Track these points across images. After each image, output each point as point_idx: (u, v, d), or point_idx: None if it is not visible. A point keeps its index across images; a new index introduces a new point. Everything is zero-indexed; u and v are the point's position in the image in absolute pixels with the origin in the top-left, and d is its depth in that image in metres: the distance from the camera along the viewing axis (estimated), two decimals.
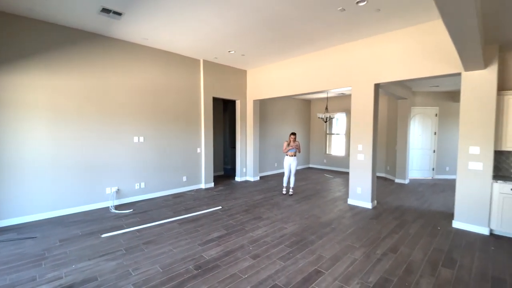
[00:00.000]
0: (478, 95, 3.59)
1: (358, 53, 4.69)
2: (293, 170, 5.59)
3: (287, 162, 5.55)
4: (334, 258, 2.87)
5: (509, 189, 3.40)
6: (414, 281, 2.46)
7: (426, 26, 3.86)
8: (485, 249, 3.12)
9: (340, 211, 4.57)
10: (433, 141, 7.51)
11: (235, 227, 3.77)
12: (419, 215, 4.36)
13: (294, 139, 5.48)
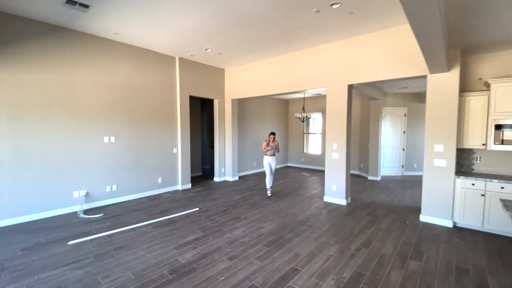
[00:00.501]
0: (442, 96, 3.83)
1: (333, 55, 4.82)
2: (273, 170, 5.54)
3: (267, 162, 5.45)
4: (310, 255, 2.92)
5: (470, 184, 3.68)
6: (385, 274, 2.57)
7: (396, 30, 4.05)
8: (449, 241, 3.34)
9: (317, 208, 4.67)
10: (402, 139, 7.94)
11: (213, 228, 3.71)
12: (390, 210, 4.57)
13: (273, 138, 5.41)
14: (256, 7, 3.43)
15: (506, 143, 3.55)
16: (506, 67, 3.84)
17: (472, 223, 3.68)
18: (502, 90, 3.53)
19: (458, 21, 3.00)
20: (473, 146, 3.83)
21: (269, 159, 5.43)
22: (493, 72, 3.93)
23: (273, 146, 5.40)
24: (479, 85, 4.03)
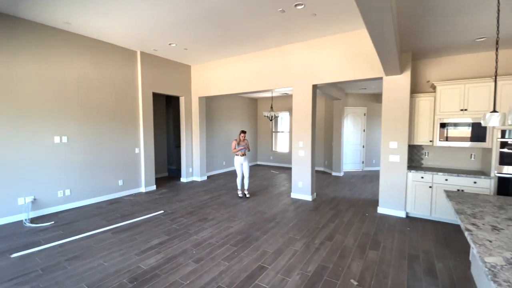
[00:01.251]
0: (396, 97, 4.15)
1: (299, 55, 4.94)
2: (246, 171, 5.24)
3: (238, 162, 5.19)
4: (277, 252, 2.96)
5: (419, 177, 4.04)
6: (347, 265, 2.70)
7: (356, 33, 4.27)
8: (402, 230, 3.64)
9: (284, 205, 4.77)
10: (363, 137, 8.47)
11: (178, 231, 3.58)
12: (351, 204, 4.85)
13: (244, 137, 5.17)
14: (221, 2, 3.36)
15: (449, 140, 3.97)
16: (449, 71, 4.28)
17: (422, 212, 4.06)
18: (446, 92, 3.93)
19: (409, 28, 3.26)
20: (422, 143, 4.22)
21: (241, 159, 5.19)
22: (439, 75, 4.36)
23: (243, 145, 5.18)
24: (427, 87, 4.45)
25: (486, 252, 1.39)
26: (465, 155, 4.19)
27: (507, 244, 1.47)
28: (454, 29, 3.25)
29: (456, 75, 4.22)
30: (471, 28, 3.20)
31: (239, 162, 5.20)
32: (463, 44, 3.76)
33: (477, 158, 4.11)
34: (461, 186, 3.74)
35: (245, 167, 5.24)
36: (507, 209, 2.11)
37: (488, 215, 1.98)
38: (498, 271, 1.20)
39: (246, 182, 5.33)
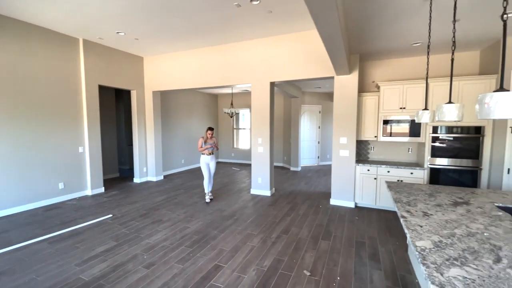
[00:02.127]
0: (345, 95, 4.42)
1: (257, 52, 4.94)
2: (212, 172, 4.79)
3: (205, 162, 4.69)
4: (234, 250, 2.94)
5: (366, 170, 4.38)
6: (301, 256, 2.81)
7: (311, 33, 4.41)
8: (351, 220, 3.91)
9: (244, 201, 4.77)
10: (318, 134, 8.92)
11: (128, 236, 3.32)
12: (307, 197, 5.07)
13: (211, 134, 4.71)
14: None
15: (391, 135, 4.37)
16: (391, 72, 4.71)
17: (369, 202, 4.42)
18: (388, 92, 4.31)
19: (356, 32, 3.48)
20: (368, 138, 4.58)
21: (207, 159, 4.70)
22: (382, 76, 4.77)
23: (211, 144, 4.70)
24: (372, 87, 4.83)
25: (417, 236, 1.55)
26: (404, 149, 4.67)
27: (435, 229, 1.66)
28: (394, 34, 3.56)
29: (397, 76, 4.66)
30: (408, 34, 3.54)
31: (205, 161, 4.71)
32: (402, 48, 4.15)
33: (414, 152, 4.62)
34: (401, 177, 4.16)
35: (212, 167, 4.77)
36: (436, 197, 2.39)
37: (420, 203, 2.21)
38: (427, 254, 1.33)
39: (211, 184, 4.89)
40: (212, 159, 4.75)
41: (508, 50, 3.31)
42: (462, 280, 1.07)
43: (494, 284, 1.05)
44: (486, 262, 1.22)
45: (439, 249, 1.35)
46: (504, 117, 1.11)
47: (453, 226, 1.67)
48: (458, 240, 1.46)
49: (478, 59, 4.18)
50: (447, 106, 1.88)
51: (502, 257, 1.26)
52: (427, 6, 2.68)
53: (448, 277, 1.09)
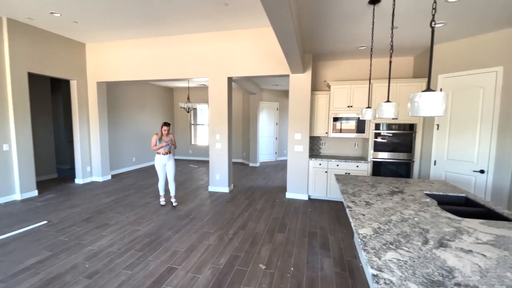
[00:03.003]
0: (300, 93, 4.59)
1: (214, 46, 4.81)
2: (172, 173, 4.24)
3: (161, 163, 4.17)
4: (189, 250, 2.84)
5: (318, 164, 4.64)
6: (257, 251, 2.84)
7: (267, 30, 4.46)
8: (305, 212, 4.11)
9: (201, 199, 4.65)
10: (276, 130, 9.16)
11: (67, 243, 2.96)
12: (265, 192, 5.17)
13: (167, 131, 4.17)
14: None
15: (341, 132, 4.69)
16: (341, 73, 5.03)
17: (320, 194, 4.70)
18: (337, 91, 4.60)
19: (309, 32, 3.61)
20: (320, 134, 4.85)
21: (163, 159, 4.17)
22: (333, 76, 5.07)
23: (167, 141, 4.21)
24: (324, 86, 5.11)
25: (360, 224, 1.68)
26: (351, 144, 5.06)
27: (375, 216, 1.81)
28: (342, 37, 3.79)
29: (346, 76, 5.00)
30: (354, 37, 3.80)
31: (161, 162, 4.17)
32: (350, 51, 4.45)
33: (359, 146, 5.04)
34: (348, 170, 4.51)
35: (169, 168, 4.23)
36: (377, 187, 2.63)
37: (364, 193, 2.41)
38: (368, 240, 1.45)
39: (172, 187, 4.30)
40: (169, 159, 4.23)
41: (435, 56, 3.80)
42: (396, 262, 1.19)
43: (423, 264, 1.18)
44: (416, 244, 1.38)
45: (378, 235, 1.49)
46: (430, 114, 1.25)
47: (390, 213, 1.85)
48: (393, 226, 1.62)
49: (412, 64, 4.71)
50: (385, 104, 2.07)
51: (429, 239, 1.43)
52: (371, 12, 2.91)
53: (385, 261, 1.20)
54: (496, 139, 3.29)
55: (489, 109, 3.35)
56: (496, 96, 3.27)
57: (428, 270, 1.12)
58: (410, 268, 1.14)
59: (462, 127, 3.63)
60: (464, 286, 1.02)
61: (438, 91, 1.23)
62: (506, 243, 1.38)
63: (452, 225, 1.63)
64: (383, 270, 1.13)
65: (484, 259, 1.22)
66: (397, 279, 1.06)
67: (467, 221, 1.69)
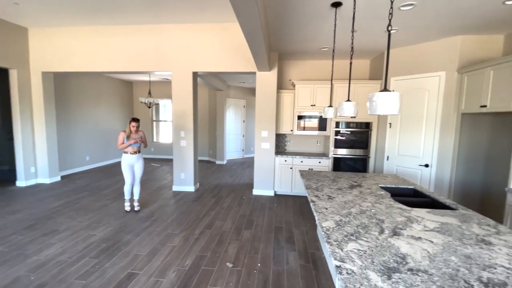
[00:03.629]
0: (266, 91, 4.63)
1: (178, 38, 4.59)
2: (139, 175, 3.88)
3: (128, 163, 3.75)
4: (152, 253, 2.70)
5: (283, 160, 4.75)
6: (224, 249, 2.81)
7: (236, 26, 4.37)
8: (271, 207, 4.18)
9: (164, 199, 4.44)
10: (243, 127, 9.16)
11: (6, 255, 2.60)
12: (232, 190, 5.14)
13: (137, 128, 3.78)
14: None
15: (305, 129, 4.85)
16: (304, 72, 5.20)
17: (286, 190, 4.82)
18: (302, 90, 4.74)
19: (275, 31, 3.65)
20: (285, 132, 4.96)
21: (131, 159, 3.75)
22: (298, 75, 5.22)
23: (136, 139, 3.77)
24: (289, 85, 5.23)
25: (323, 218, 1.75)
26: (314, 141, 5.28)
27: (337, 209, 1.91)
28: (306, 37, 3.90)
29: (309, 76, 5.18)
30: (318, 38, 3.94)
31: (128, 162, 3.75)
32: (313, 51, 4.61)
33: (321, 143, 5.27)
34: (311, 165, 4.69)
35: (137, 169, 3.83)
36: (337, 182, 2.78)
37: (326, 188, 2.53)
38: (331, 232, 1.51)
39: (137, 190, 3.93)
40: (138, 159, 3.82)
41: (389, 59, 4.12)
42: (357, 252, 1.26)
43: (380, 252, 1.27)
44: (373, 234, 1.48)
45: (340, 227, 1.56)
46: (386, 112, 1.34)
47: (350, 206, 1.96)
48: (353, 218, 1.72)
49: (368, 66, 5.06)
50: (346, 103, 2.19)
51: (384, 229, 1.55)
52: (333, 15, 3.04)
53: (347, 251, 1.27)
54: (439, 136, 3.70)
55: (433, 109, 3.75)
56: (439, 98, 3.67)
57: (384, 258, 1.21)
58: (369, 257, 1.22)
59: (410, 126, 4.00)
60: (416, 270, 1.12)
61: (394, 92, 1.33)
62: (449, 230, 1.56)
63: (403, 215, 1.79)
64: (345, 260, 1.18)
65: (432, 245, 1.36)
66: (358, 269, 1.12)
67: (416, 211, 1.86)
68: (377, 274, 1.08)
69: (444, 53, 3.61)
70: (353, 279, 1.04)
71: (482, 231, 1.54)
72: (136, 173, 3.86)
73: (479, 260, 1.20)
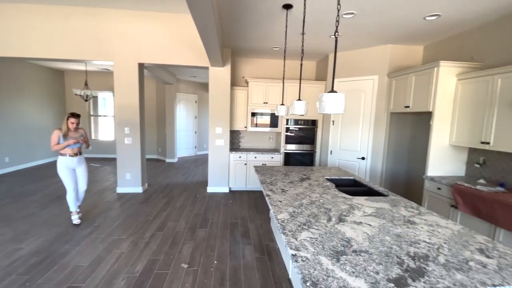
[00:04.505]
0: (220, 87, 4.58)
1: (123, 26, 4.17)
2: (84, 181, 3.35)
3: (67, 167, 3.17)
4: (96, 262, 2.45)
5: (238, 157, 4.79)
6: (178, 250, 2.72)
7: (188, 18, 4.18)
8: (226, 204, 4.19)
9: (107, 203, 4.05)
10: (195, 123, 8.88)
11: None
12: (185, 188, 4.97)
13: (76, 124, 3.18)
14: None
15: (258, 126, 4.96)
16: (257, 70, 5.30)
17: (241, 185, 4.89)
18: (255, 87, 4.83)
19: (228, 27, 3.62)
20: (239, 128, 5.01)
21: (71, 162, 3.18)
22: (251, 72, 5.29)
23: (77, 139, 3.19)
24: (242, 82, 5.27)
25: (278, 211, 1.83)
26: (267, 137, 5.46)
27: (290, 202, 2.02)
28: (259, 36, 3.98)
29: (262, 74, 5.30)
30: (269, 38, 4.05)
31: (68, 166, 3.18)
32: (265, 50, 4.73)
33: (273, 139, 5.48)
34: (264, 161, 4.85)
35: (81, 174, 3.31)
36: (289, 175, 2.93)
37: (279, 181, 2.65)
38: (286, 224, 1.60)
39: (81, 198, 3.44)
40: (80, 163, 3.27)
41: (331, 62, 4.49)
42: (309, 240, 1.37)
43: (329, 238, 1.40)
44: (322, 222, 1.62)
45: (293, 218, 1.67)
46: (334, 112, 1.48)
47: (301, 198, 2.11)
48: (305, 208, 1.86)
49: (315, 68, 5.43)
50: (297, 102, 2.32)
51: (332, 217, 1.71)
52: (284, 16, 3.16)
53: (300, 240, 1.37)
54: (373, 133, 4.20)
55: (368, 109, 4.23)
56: (373, 98, 4.16)
57: (333, 243, 1.35)
58: (320, 243, 1.34)
59: (350, 123, 4.45)
60: (359, 251, 1.27)
61: (340, 93, 1.47)
62: (383, 214, 1.80)
63: (346, 203, 2.00)
64: (300, 249, 1.28)
65: (370, 228, 1.56)
66: (311, 255, 1.22)
67: (356, 199, 2.10)
68: (327, 258, 1.20)
69: (377, 59, 4.10)
70: (308, 265, 1.14)
71: (408, 213, 1.83)
72: (80, 180, 3.32)
73: (407, 238, 1.43)
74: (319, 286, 1.00)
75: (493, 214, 2.31)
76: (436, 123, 3.12)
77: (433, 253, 1.27)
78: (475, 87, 2.83)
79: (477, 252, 1.29)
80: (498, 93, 2.57)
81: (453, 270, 1.13)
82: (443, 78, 3.04)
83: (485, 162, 2.99)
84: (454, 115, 3.07)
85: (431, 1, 2.59)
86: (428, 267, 1.15)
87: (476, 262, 1.20)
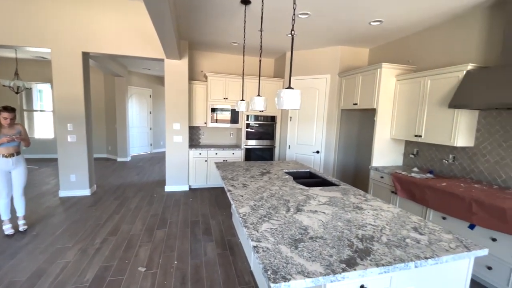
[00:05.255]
0: (177, 81, 4.39)
1: (64, 9, 3.71)
2: (21, 185, 2.94)
3: (1, 169, 2.77)
4: (36, 275, 2.17)
5: (198, 153, 4.68)
6: (134, 254, 2.56)
7: (140, 5, 3.89)
8: (186, 202, 4.07)
9: (48, 208, 3.60)
10: (149, 119, 8.37)
11: None
12: (139, 189, 4.67)
13: (10, 120, 2.75)
14: None
15: (218, 122, 4.90)
16: (217, 65, 5.20)
17: (201, 183, 4.79)
18: (214, 82, 4.75)
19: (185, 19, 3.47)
20: (199, 124, 4.88)
21: (6, 164, 2.78)
22: (210, 67, 5.17)
23: (12, 136, 2.76)
24: (201, 76, 5.13)
25: (240, 205, 1.85)
26: (227, 133, 5.43)
27: (251, 196, 2.06)
28: (218, 30, 3.90)
29: (222, 69, 5.22)
30: (228, 32, 4.01)
31: (1, 169, 2.77)
32: (224, 45, 4.67)
33: (234, 135, 5.48)
34: (225, 157, 4.83)
35: (17, 177, 2.89)
36: (250, 170, 2.98)
37: (241, 177, 2.67)
38: (247, 217, 1.63)
39: (21, 204, 2.98)
40: (17, 164, 2.86)
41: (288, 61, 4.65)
42: (270, 231, 1.42)
43: (288, 228, 1.47)
44: (282, 213, 1.69)
45: (254, 211, 1.71)
46: (291, 107, 1.54)
47: (262, 191, 2.16)
48: (265, 201, 1.91)
49: (273, 65, 5.55)
50: (257, 98, 2.36)
51: (290, 207, 1.79)
52: (243, 12, 3.16)
53: (262, 232, 1.41)
54: (326, 128, 4.49)
55: (321, 106, 4.50)
56: (326, 96, 4.44)
57: (292, 232, 1.42)
58: (280, 233, 1.40)
59: (305, 119, 4.68)
60: (315, 238, 1.37)
61: (297, 90, 1.54)
62: (336, 202, 1.95)
63: (303, 193, 2.11)
64: (261, 240, 1.32)
65: (324, 215, 1.68)
66: (271, 245, 1.27)
67: (312, 190, 2.24)
68: (286, 247, 1.26)
69: (330, 59, 4.38)
70: (268, 255, 1.18)
71: (356, 200, 2.01)
72: (15, 182, 2.90)
73: (356, 222, 1.58)
74: (279, 274, 1.04)
75: (424, 197, 2.67)
76: (379, 119, 3.47)
77: (377, 234, 1.43)
78: (410, 87, 3.23)
79: (412, 230, 1.49)
80: (428, 93, 2.97)
81: (393, 247, 1.29)
82: (385, 79, 3.39)
83: (418, 153, 3.44)
84: (394, 112, 3.46)
85: (375, 7, 2.85)
86: (373, 246, 1.29)
87: (412, 239, 1.39)
